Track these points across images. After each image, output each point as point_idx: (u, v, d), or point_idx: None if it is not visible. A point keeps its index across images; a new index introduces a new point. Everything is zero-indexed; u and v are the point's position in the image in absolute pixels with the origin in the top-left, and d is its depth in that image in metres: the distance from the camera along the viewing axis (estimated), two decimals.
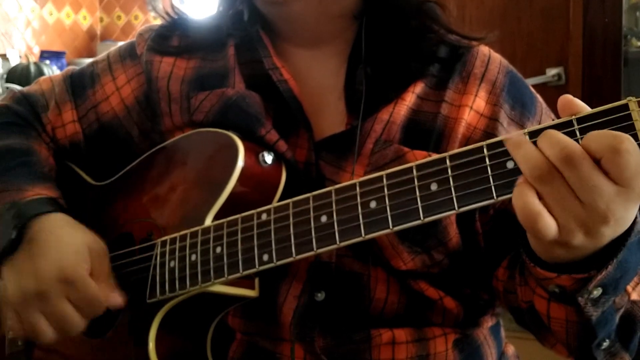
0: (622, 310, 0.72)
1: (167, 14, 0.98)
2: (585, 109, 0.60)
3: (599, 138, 0.57)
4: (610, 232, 0.61)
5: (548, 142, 0.58)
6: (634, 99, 0.57)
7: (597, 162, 0.57)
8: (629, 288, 0.72)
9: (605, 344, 0.73)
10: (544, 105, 0.90)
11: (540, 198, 0.59)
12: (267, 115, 0.86)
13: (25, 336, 0.82)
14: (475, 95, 0.85)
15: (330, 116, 0.87)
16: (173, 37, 0.96)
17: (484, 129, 0.84)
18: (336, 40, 0.89)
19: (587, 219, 0.59)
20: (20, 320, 0.80)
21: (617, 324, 0.73)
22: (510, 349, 0.97)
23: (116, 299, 0.81)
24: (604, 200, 0.57)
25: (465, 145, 0.81)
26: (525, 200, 0.58)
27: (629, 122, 0.57)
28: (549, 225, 0.59)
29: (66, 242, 0.81)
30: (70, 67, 1.05)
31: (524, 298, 0.78)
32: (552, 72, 2.44)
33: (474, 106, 0.84)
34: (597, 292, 0.66)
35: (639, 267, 0.68)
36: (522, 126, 0.85)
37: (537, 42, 2.46)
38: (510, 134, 0.61)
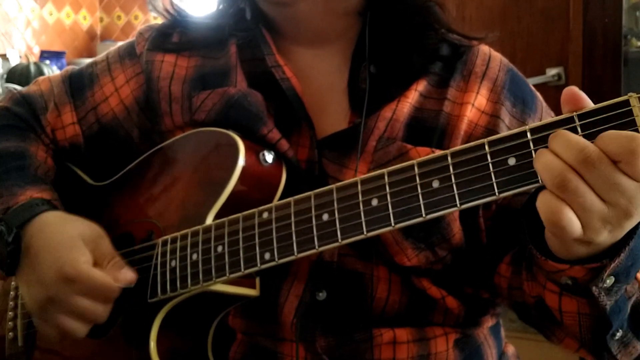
0: (633, 299, 0.73)
1: (167, 11, 0.97)
2: (589, 103, 0.61)
3: (613, 140, 0.57)
4: (630, 225, 0.61)
5: (564, 144, 0.59)
6: (634, 94, 0.58)
7: (614, 162, 0.58)
8: (639, 275, 0.72)
9: (619, 334, 0.73)
10: (544, 103, 0.90)
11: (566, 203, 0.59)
12: (268, 113, 0.86)
13: (61, 337, 0.81)
14: (477, 93, 0.85)
15: (332, 114, 0.87)
16: (174, 34, 0.96)
17: (486, 125, 0.84)
18: (339, 39, 0.90)
19: (611, 217, 0.59)
20: (48, 326, 0.81)
21: (628, 314, 0.73)
22: (510, 349, 0.97)
23: (126, 276, 0.81)
24: (626, 197, 0.58)
25: (467, 142, 0.81)
26: (551, 204, 0.59)
27: (630, 118, 0.58)
28: (575, 226, 0.59)
29: (58, 241, 0.81)
30: (70, 67, 1.05)
31: (531, 293, 0.78)
32: (552, 72, 2.44)
33: (475, 103, 0.85)
34: (609, 281, 0.66)
35: None
36: (523, 123, 0.86)
37: (537, 42, 2.46)
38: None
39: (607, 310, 0.69)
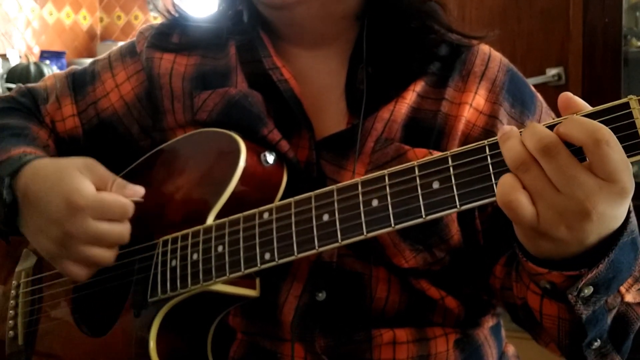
0: (614, 311, 0.72)
1: (168, 12, 0.98)
2: (585, 106, 0.61)
3: (580, 126, 0.58)
4: (593, 228, 0.61)
5: (528, 133, 0.60)
6: (634, 97, 0.58)
7: (578, 151, 0.58)
8: (622, 289, 0.72)
9: (597, 344, 0.73)
10: (544, 104, 0.90)
11: (524, 188, 0.60)
12: (269, 115, 0.86)
13: (90, 272, 0.81)
14: (475, 93, 0.85)
15: (331, 116, 0.87)
16: (173, 34, 0.97)
17: (483, 126, 0.84)
18: (337, 41, 0.89)
19: (566, 210, 0.59)
20: (73, 264, 0.80)
21: (609, 325, 0.73)
22: (511, 349, 0.97)
23: (135, 190, 0.82)
24: (583, 192, 0.58)
25: (465, 142, 0.82)
26: (505, 185, 0.60)
27: (630, 121, 0.58)
28: (526, 209, 0.60)
29: (56, 178, 0.80)
30: (74, 67, 1.06)
31: (518, 294, 0.79)
32: (552, 72, 2.44)
33: (473, 103, 0.85)
34: (588, 291, 0.66)
35: (633, 268, 0.68)
36: (522, 124, 0.85)
37: (537, 42, 2.46)
38: (503, 127, 0.62)
39: (582, 319, 0.69)
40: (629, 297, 0.74)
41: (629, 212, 0.63)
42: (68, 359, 0.92)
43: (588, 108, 0.61)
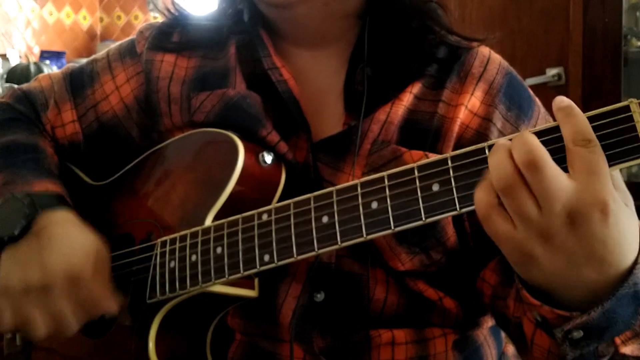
0: (606, 359, 0.69)
1: (168, 10, 0.98)
2: (578, 112, 0.59)
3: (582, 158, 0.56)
4: (574, 247, 0.58)
5: (518, 143, 0.58)
6: (635, 100, 0.57)
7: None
8: (618, 340, 0.68)
9: None
10: (542, 109, 0.89)
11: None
12: (267, 115, 0.86)
13: (15, 329, 0.78)
14: (471, 95, 0.85)
15: (329, 117, 0.87)
16: (174, 33, 0.96)
17: (476, 128, 0.83)
18: (338, 41, 0.89)
19: (544, 226, 0.57)
20: (14, 312, 0.77)
21: None
22: (510, 349, 0.97)
23: (112, 304, 0.79)
24: (562, 203, 0.56)
25: (458, 144, 0.81)
26: (486, 196, 0.59)
27: (631, 124, 0.57)
28: (499, 226, 0.59)
29: (75, 240, 0.79)
30: (70, 65, 1.05)
31: (514, 313, 0.77)
32: (552, 72, 2.44)
33: (468, 105, 0.84)
34: (577, 334, 0.63)
35: (632, 321, 0.65)
36: (517, 129, 0.84)
37: (537, 42, 2.45)
38: (499, 140, 0.61)
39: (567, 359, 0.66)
40: (627, 350, 0.70)
41: (635, 262, 0.60)
42: None
43: (578, 112, 0.58)
